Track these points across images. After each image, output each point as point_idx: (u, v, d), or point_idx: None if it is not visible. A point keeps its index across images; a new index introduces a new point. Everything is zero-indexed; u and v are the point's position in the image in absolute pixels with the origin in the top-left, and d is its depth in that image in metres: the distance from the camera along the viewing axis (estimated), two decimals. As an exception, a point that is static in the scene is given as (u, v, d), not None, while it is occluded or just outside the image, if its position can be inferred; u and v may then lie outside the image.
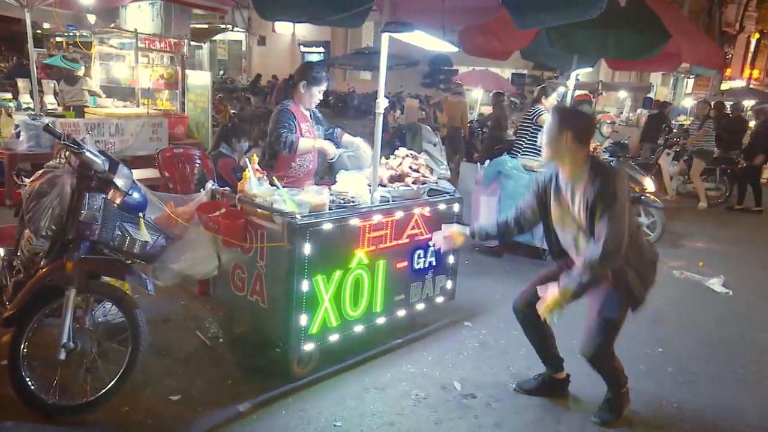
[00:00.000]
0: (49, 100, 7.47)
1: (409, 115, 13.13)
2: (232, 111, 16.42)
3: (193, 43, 13.30)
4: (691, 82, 29.31)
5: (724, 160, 9.27)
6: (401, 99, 22.38)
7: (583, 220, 2.66)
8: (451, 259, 3.79)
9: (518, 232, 3.04)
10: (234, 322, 3.55)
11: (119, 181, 2.75)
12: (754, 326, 4.56)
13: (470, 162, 6.84)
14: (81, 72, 7.75)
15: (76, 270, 2.57)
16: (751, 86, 27.06)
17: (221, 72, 26.75)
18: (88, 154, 2.63)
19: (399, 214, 3.31)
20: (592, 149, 6.14)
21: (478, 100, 15.32)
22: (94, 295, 2.74)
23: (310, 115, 3.84)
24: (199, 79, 8.15)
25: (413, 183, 3.55)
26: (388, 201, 3.37)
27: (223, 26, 23.08)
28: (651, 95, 21.49)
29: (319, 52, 27.75)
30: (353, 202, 3.16)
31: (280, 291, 2.92)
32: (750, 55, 34.04)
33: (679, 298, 5.07)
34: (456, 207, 3.72)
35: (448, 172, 6.24)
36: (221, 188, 3.25)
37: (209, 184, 3.27)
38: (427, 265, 3.62)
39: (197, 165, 4.56)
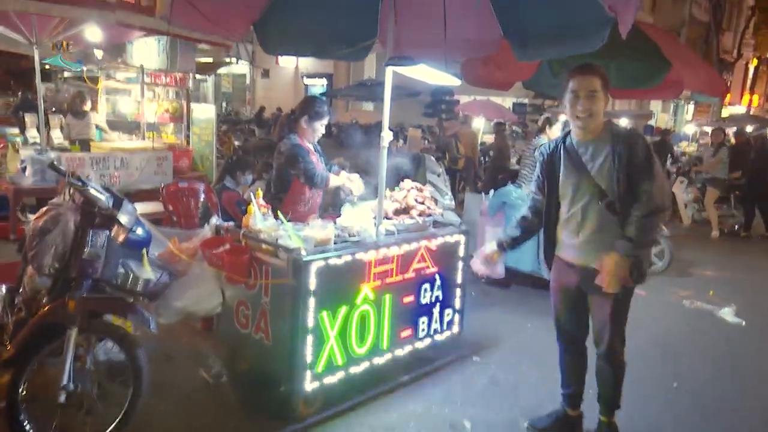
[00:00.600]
0: (56, 135, 7.54)
1: (412, 145, 13.20)
2: (236, 143, 16.60)
3: (197, 76, 13.54)
4: (691, 108, 29.55)
5: (737, 188, 9.23)
6: (404, 129, 22.61)
7: (610, 181, 2.61)
8: (458, 292, 3.73)
9: (538, 223, 2.96)
10: (238, 359, 3.47)
11: (123, 218, 2.73)
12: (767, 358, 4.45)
13: (474, 192, 6.82)
14: (91, 87, 7.81)
15: (79, 309, 2.52)
16: (751, 112, 27.24)
17: (225, 104, 27.08)
18: (92, 191, 2.62)
19: (405, 248, 3.27)
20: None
21: (480, 129, 15.41)
22: (96, 335, 2.69)
23: (314, 149, 3.87)
24: (204, 113, 8.22)
25: (419, 215, 3.52)
26: (394, 234, 3.33)
27: (227, 60, 23.47)
28: (652, 122, 21.63)
29: (322, 84, 28.13)
30: (358, 236, 3.12)
31: (285, 328, 2.86)
32: (749, 81, 34.39)
33: (692, 330, 4.97)
34: (462, 239, 3.67)
35: (453, 203, 6.23)
36: (225, 223, 3.22)
37: (213, 220, 3.25)
38: (433, 300, 3.56)
39: (201, 199, 4.55)
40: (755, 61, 34.07)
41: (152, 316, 2.80)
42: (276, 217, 3.11)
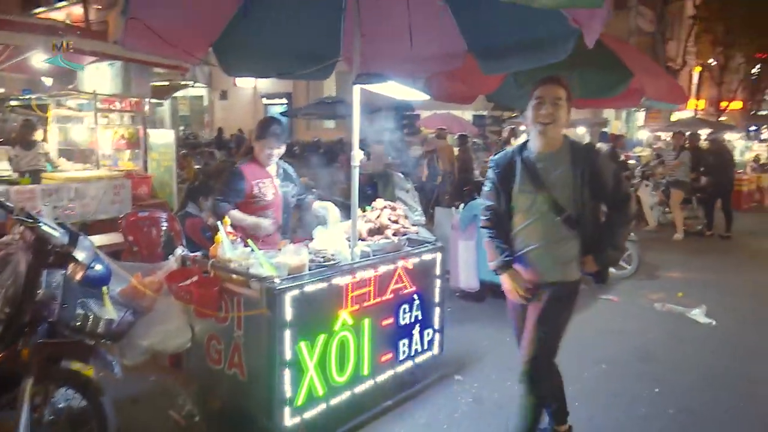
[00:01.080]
0: (3, 166, 7.16)
1: (375, 161, 13.11)
2: (196, 166, 16.23)
3: (153, 100, 13.16)
4: (642, 115, 30.56)
5: (699, 189, 9.51)
6: (366, 145, 22.59)
7: (570, 196, 2.60)
8: (437, 311, 3.64)
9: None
10: (210, 397, 3.28)
11: (80, 254, 2.55)
12: (742, 357, 4.50)
13: (441, 205, 6.78)
14: (38, 134, 7.47)
15: (34, 357, 2.32)
16: (698, 116, 28.30)
17: (183, 128, 26.60)
18: (43, 227, 2.42)
19: (382, 269, 3.17)
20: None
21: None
22: (55, 383, 2.48)
23: (277, 171, 3.66)
24: (162, 138, 7.97)
25: (393, 235, 3.43)
26: (369, 256, 3.23)
27: (183, 83, 23.04)
28: (606, 129, 22.23)
29: (282, 104, 27.95)
30: (334, 260, 3.00)
31: (260, 362, 2.71)
32: (693, 87, 35.86)
33: (665, 333, 5.01)
34: (438, 256, 3.59)
35: (423, 219, 6.18)
36: (192, 254, 3.05)
37: (178, 250, 3.07)
38: (413, 320, 3.46)
39: (164, 228, 4.35)
40: (698, 68, 35.56)
41: (116, 358, 2.61)
42: (246, 244, 2.97)
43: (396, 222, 3.51)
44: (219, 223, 3.02)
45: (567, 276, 2.69)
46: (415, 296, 3.44)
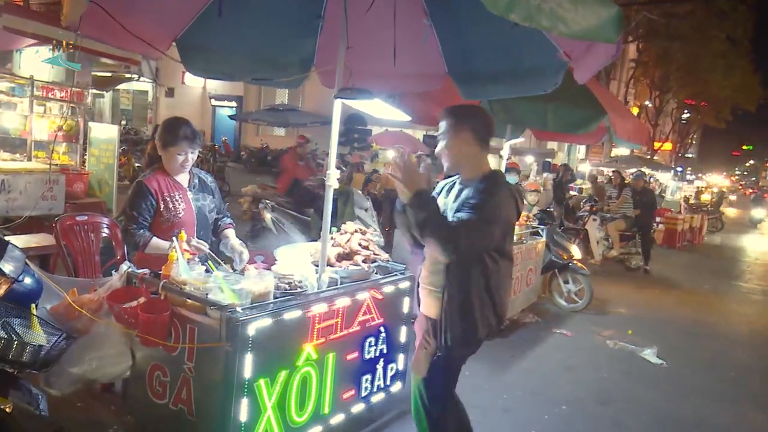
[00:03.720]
0: None
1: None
2: (137, 164, 15.41)
3: (94, 91, 12.42)
4: (582, 148, 31.79)
5: (640, 226, 9.87)
6: (317, 157, 22.24)
7: None
8: (402, 345, 3.42)
9: None
10: (148, 432, 2.92)
11: (6, 266, 2.18)
12: (695, 400, 4.53)
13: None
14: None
15: (-63, 389, 1.93)
16: (635, 153, 29.75)
17: (124, 123, 25.34)
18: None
19: (350, 299, 2.93)
20: (523, 220, 6.20)
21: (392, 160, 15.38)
22: (-38, 420, 2.08)
23: (191, 181, 3.16)
24: (104, 132, 7.41)
25: (363, 261, 3.19)
26: (337, 283, 2.98)
27: (128, 75, 21.97)
28: (550, 160, 22.89)
29: (231, 106, 27.20)
30: (300, 287, 2.73)
31: (213, 400, 2.40)
32: (631, 126, 37.84)
33: (620, 372, 5.00)
34: (408, 285, 3.39)
35: (382, 240, 5.96)
36: (140, 271, 2.70)
37: (124, 266, 2.71)
38: (378, 353, 3.22)
39: (104, 235, 3.92)
40: (635, 109, 37.56)
41: (41, 391, 2.24)
42: (205, 265, 2.66)
43: (366, 248, 3.29)
44: (174, 238, 2.68)
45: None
46: (382, 329, 3.22)
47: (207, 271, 2.62)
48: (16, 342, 2.13)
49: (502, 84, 3.52)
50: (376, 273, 3.28)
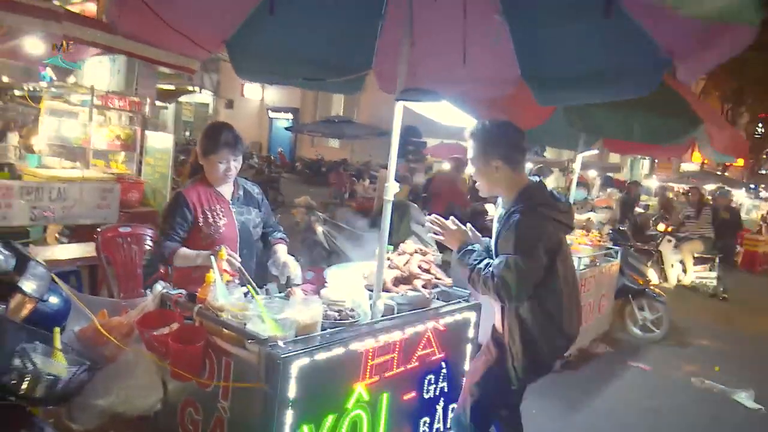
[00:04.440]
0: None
1: (381, 188, 12.55)
2: (195, 175, 15.68)
3: (158, 103, 12.70)
4: (647, 162, 30.23)
5: (721, 249, 9.00)
6: (370, 168, 22.05)
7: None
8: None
9: None
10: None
11: (28, 285, 1.95)
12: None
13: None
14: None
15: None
16: (705, 169, 28.03)
17: (187, 133, 26.10)
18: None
19: (409, 331, 2.55)
20: (595, 239, 5.65)
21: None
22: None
23: (235, 194, 2.89)
24: (161, 142, 7.35)
25: (423, 287, 2.81)
26: (393, 311, 2.61)
27: (190, 88, 22.61)
28: (611, 174, 21.82)
29: (288, 118, 27.55)
30: (352, 317, 2.38)
31: (249, 447, 2.07)
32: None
33: (708, 417, 4.38)
34: (473, 316, 2.98)
35: (440, 258, 5.56)
36: (174, 292, 2.42)
37: (158, 286, 2.44)
38: (438, 393, 2.82)
39: (147, 247, 3.72)
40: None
41: (59, 429, 1.98)
42: (246, 289, 2.35)
43: (428, 271, 2.90)
44: (212, 257, 2.40)
45: None
46: (443, 364, 2.82)
47: (247, 294, 2.31)
48: (29, 374, 1.87)
49: (587, 88, 3.06)
50: (437, 299, 2.89)
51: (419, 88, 2.44)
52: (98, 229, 3.64)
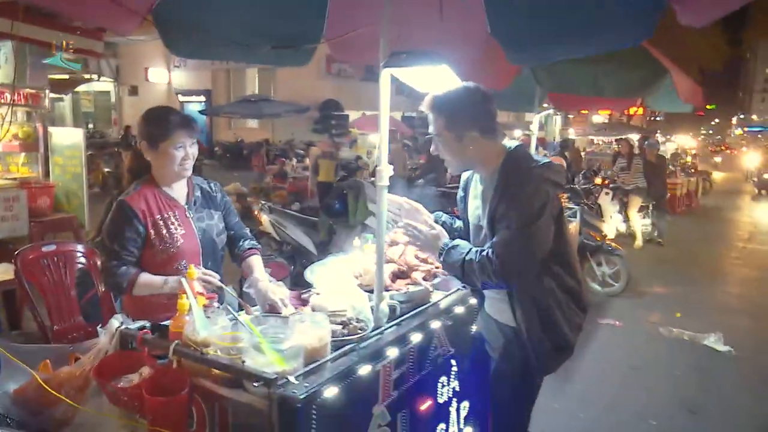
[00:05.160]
0: None
1: (314, 167, 12.04)
2: (106, 170, 14.39)
3: (52, 95, 11.44)
4: (558, 119, 31.30)
5: (654, 197, 9.29)
6: (294, 146, 21.28)
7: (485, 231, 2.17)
8: (475, 376, 2.73)
9: None
10: None
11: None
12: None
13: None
14: None
15: None
16: (612, 120, 29.40)
17: (89, 126, 24.05)
18: None
19: (421, 333, 2.22)
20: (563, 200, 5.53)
21: (376, 145, 14.78)
22: None
23: (190, 195, 2.37)
24: (68, 137, 6.47)
25: (424, 279, 2.48)
26: (396, 312, 2.27)
27: (87, 76, 20.64)
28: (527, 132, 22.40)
29: (200, 101, 25.99)
30: (362, 328, 2.01)
31: None
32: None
33: (691, 369, 4.40)
34: (475, 303, 2.69)
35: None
36: (135, 326, 1.93)
37: (115, 321, 1.93)
38: (451, 394, 2.53)
39: (80, 265, 3.13)
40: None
41: None
42: (226, 310, 1.91)
43: (425, 261, 2.57)
44: (182, 279, 1.93)
45: None
46: (453, 362, 2.52)
47: (233, 320, 1.87)
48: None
49: (568, 42, 2.77)
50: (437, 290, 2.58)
51: (412, 51, 2.05)
52: (16, 252, 3.00)
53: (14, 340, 3.09)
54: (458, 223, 2.51)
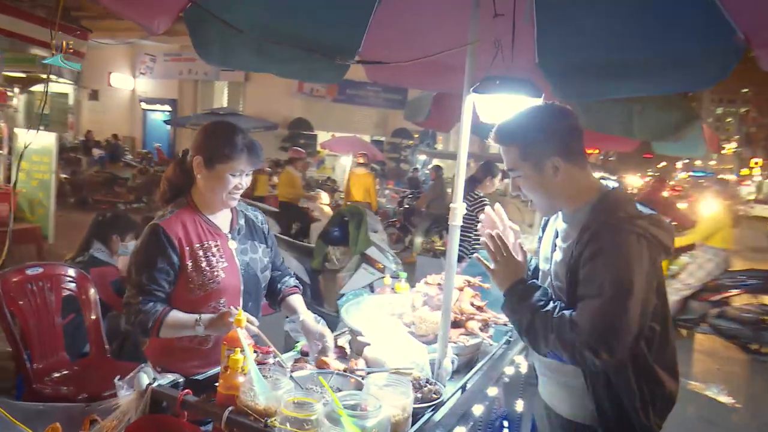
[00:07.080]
0: None
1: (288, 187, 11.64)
2: (63, 176, 13.59)
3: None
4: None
5: None
6: (265, 165, 20.80)
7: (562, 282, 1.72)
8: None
9: None
10: None
11: None
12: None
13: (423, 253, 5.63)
14: None
15: None
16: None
17: (41, 129, 22.81)
18: None
19: (484, 395, 1.95)
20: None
21: (346, 167, 14.80)
22: None
23: (234, 223, 2.06)
24: (37, 141, 5.97)
25: (481, 330, 2.22)
26: (454, 365, 2.00)
27: (44, 76, 19.63)
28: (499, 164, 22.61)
29: (165, 110, 25.18)
30: (437, 392, 1.72)
31: None
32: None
33: (706, 422, 4.27)
34: (522, 359, 2.45)
35: (400, 266, 5.00)
36: (167, 382, 1.59)
37: (144, 377, 1.58)
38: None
39: (68, 292, 2.71)
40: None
41: None
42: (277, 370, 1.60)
43: (481, 309, 2.31)
44: (231, 322, 1.61)
45: None
46: (505, 423, 2.26)
47: (292, 379, 1.56)
48: None
49: (631, 78, 2.61)
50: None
51: (505, 77, 1.83)
52: (-6, 274, 2.57)
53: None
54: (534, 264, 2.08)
